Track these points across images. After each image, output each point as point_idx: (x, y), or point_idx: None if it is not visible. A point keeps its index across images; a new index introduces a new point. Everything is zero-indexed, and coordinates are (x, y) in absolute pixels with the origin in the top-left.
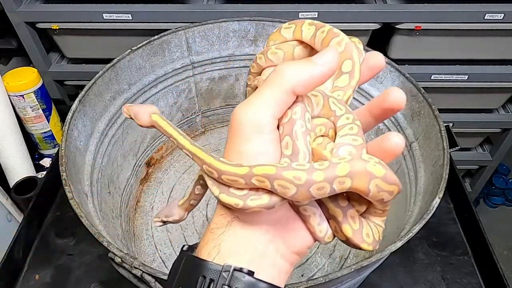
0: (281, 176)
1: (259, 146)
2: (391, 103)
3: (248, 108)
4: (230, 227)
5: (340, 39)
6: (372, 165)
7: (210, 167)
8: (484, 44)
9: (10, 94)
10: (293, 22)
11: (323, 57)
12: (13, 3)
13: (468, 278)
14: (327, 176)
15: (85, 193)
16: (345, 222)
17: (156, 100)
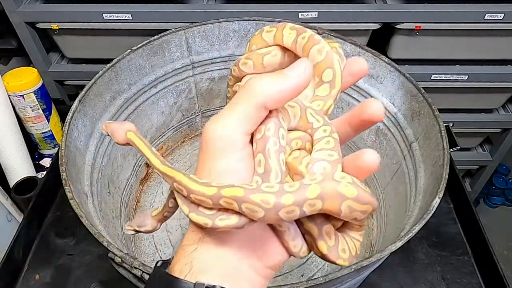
0: (249, 199)
1: (229, 163)
2: (370, 115)
3: (217, 125)
4: (202, 243)
5: (320, 47)
6: (343, 186)
7: (180, 185)
8: (484, 44)
9: (10, 94)
10: (274, 25)
11: (295, 70)
12: (13, 3)
13: (468, 278)
14: (297, 199)
15: (85, 193)
16: (321, 238)
17: (156, 100)
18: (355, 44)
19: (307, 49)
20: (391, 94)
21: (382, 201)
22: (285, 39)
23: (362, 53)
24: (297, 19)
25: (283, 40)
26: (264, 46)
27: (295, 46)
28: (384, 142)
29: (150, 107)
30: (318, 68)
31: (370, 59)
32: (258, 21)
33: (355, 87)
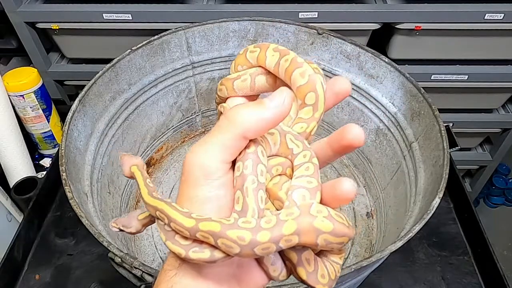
0: (225, 235)
1: (208, 191)
2: (350, 140)
3: (197, 153)
4: (181, 269)
5: (303, 70)
6: (320, 221)
7: (162, 213)
8: (484, 44)
9: (10, 94)
10: (258, 45)
11: (274, 100)
12: (13, 3)
13: (468, 278)
14: (273, 236)
15: (85, 193)
16: (300, 265)
17: (156, 100)
18: (355, 44)
19: (290, 72)
20: (391, 94)
21: (382, 201)
22: (267, 61)
23: (362, 53)
24: (297, 19)
25: (266, 62)
26: (249, 66)
27: (278, 69)
28: (384, 142)
29: (150, 107)
30: (301, 91)
31: (370, 59)
32: (258, 21)
33: (355, 87)
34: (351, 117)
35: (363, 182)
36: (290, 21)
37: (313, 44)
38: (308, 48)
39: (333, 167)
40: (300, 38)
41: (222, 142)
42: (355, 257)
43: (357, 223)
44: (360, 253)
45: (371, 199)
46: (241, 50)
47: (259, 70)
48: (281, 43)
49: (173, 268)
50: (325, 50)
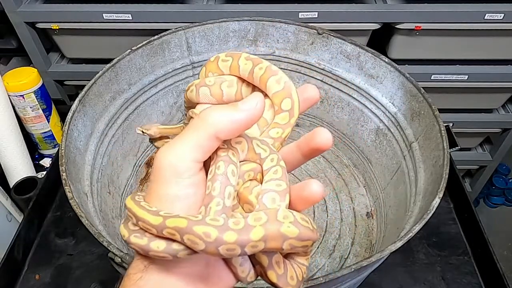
0: (191, 230)
1: (178, 190)
2: (317, 144)
3: (169, 152)
4: (147, 272)
5: (278, 78)
6: (286, 227)
7: (130, 212)
8: (484, 44)
9: (10, 94)
10: (230, 54)
11: (248, 103)
12: (13, 3)
13: (468, 278)
14: (240, 239)
15: (85, 193)
16: (270, 268)
17: (156, 100)
18: (355, 44)
19: (265, 79)
20: (391, 94)
21: (382, 201)
22: (241, 70)
23: (362, 53)
24: (297, 19)
25: (239, 70)
26: (219, 74)
27: (252, 77)
28: (384, 142)
29: (150, 107)
30: (277, 97)
31: (370, 59)
32: (258, 21)
33: (355, 87)
34: (351, 117)
35: (363, 182)
36: (290, 21)
37: (313, 44)
38: (308, 48)
39: (333, 167)
40: (300, 38)
41: (194, 141)
42: (355, 257)
43: (357, 223)
44: (360, 253)
45: (371, 199)
46: (212, 57)
47: (242, 79)
48: (281, 43)
49: (138, 271)
50: (325, 50)
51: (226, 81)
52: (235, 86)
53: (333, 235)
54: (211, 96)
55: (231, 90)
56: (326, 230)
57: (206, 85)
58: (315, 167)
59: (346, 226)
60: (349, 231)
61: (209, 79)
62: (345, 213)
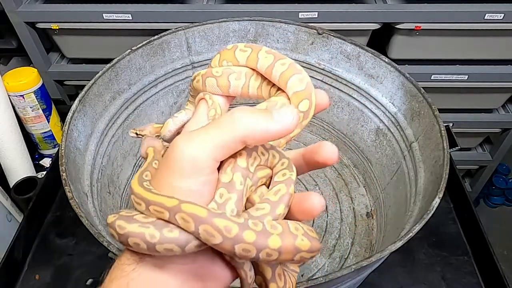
0: (211, 221)
1: (194, 185)
2: (323, 158)
3: (191, 144)
4: (141, 263)
5: (302, 77)
6: (300, 240)
7: (138, 197)
8: (484, 44)
9: (10, 94)
10: (249, 45)
11: (284, 116)
12: (13, 3)
13: (468, 278)
14: (258, 241)
15: (85, 193)
16: (273, 280)
17: (156, 100)
18: (355, 44)
19: (287, 77)
20: (391, 94)
21: (382, 201)
22: (260, 63)
23: (362, 53)
24: (297, 19)
25: (258, 63)
26: (235, 64)
27: (271, 71)
28: (384, 142)
29: (150, 107)
30: (297, 97)
31: (370, 59)
32: (258, 21)
33: (355, 87)
34: (351, 117)
35: (363, 182)
36: (290, 21)
37: (313, 44)
38: (308, 48)
39: (333, 167)
40: (300, 38)
41: (220, 140)
42: (355, 257)
43: (357, 223)
44: (360, 253)
45: (371, 199)
46: (229, 45)
47: (251, 72)
48: (281, 43)
49: (133, 262)
50: (325, 50)
51: (235, 72)
52: (243, 78)
53: (333, 235)
54: (217, 87)
55: (238, 83)
56: (326, 230)
57: (213, 75)
58: None
59: (346, 226)
60: (349, 231)
61: (216, 70)
62: (345, 213)
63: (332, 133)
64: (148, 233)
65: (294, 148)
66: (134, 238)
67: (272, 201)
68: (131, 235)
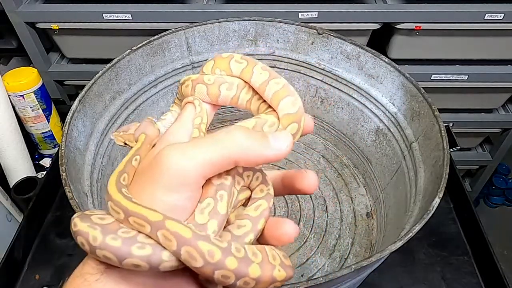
0: (196, 244)
1: (178, 200)
2: (303, 187)
3: (182, 157)
4: (106, 274)
5: (295, 100)
6: (277, 270)
7: (117, 205)
8: (484, 44)
9: (10, 94)
10: (246, 58)
11: (280, 143)
12: (13, 3)
13: (468, 278)
14: (239, 269)
15: (85, 193)
16: None
17: (156, 100)
18: (355, 44)
19: (280, 97)
20: (391, 94)
21: (382, 201)
22: (254, 77)
23: (362, 53)
24: (297, 19)
25: (252, 77)
26: (229, 74)
27: (264, 88)
28: (384, 142)
29: (150, 107)
30: (287, 119)
31: (370, 59)
32: (258, 21)
33: (355, 87)
34: (351, 117)
35: (363, 182)
36: (290, 21)
37: (313, 44)
38: (308, 48)
39: (333, 167)
40: (300, 38)
41: (213, 157)
42: (355, 257)
43: (357, 223)
44: (360, 253)
45: (371, 199)
46: (224, 54)
47: (244, 84)
48: (281, 43)
49: (98, 272)
50: (325, 50)
51: (226, 82)
52: (234, 90)
53: (333, 235)
54: (206, 95)
55: (229, 93)
56: (326, 230)
57: (204, 83)
58: (315, 167)
59: (346, 226)
60: (349, 231)
61: (208, 77)
62: (345, 213)
63: (332, 133)
64: (92, 236)
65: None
66: (81, 238)
67: (253, 216)
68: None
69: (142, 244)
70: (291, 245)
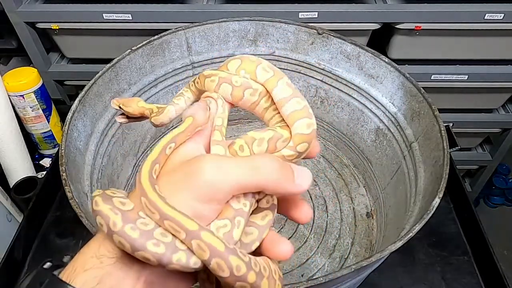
0: (227, 258)
1: (205, 210)
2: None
3: (219, 174)
4: (121, 260)
5: (311, 123)
6: (277, 285)
7: (153, 206)
8: (484, 44)
9: (10, 94)
10: (273, 68)
11: (303, 181)
12: (13, 3)
13: (468, 278)
14: (256, 283)
15: (85, 193)
16: None
17: (156, 100)
18: (355, 44)
19: (297, 116)
20: (391, 94)
21: (382, 201)
22: (276, 90)
23: (362, 53)
24: (297, 19)
25: (274, 89)
26: (253, 78)
27: (284, 104)
28: (384, 142)
29: None
30: (299, 138)
31: (370, 59)
32: (258, 21)
33: (355, 87)
34: (351, 117)
35: (363, 182)
36: (290, 21)
37: (313, 44)
38: (308, 48)
39: (333, 167)
40: (300, 38)
41: (245, 180)
42: (355, 257)
43: (357, 223)
44: (360, 253)
45: (371, 199)
46: (252, 56)
47: (265, 92)
48: (281, 43)
49: (114, 256)
50: (325, 50)
51: (252, 88)
52: (257, 96)
53: (333, 235)
54: (229, 96)
55: (251, 99)
56: (326, 230)
57: (232, 84)
58: (315, 167)
59: (346, 226)
60: (349, 231)
61: (236, 79)
62: (345, 213)
63: (332, 133)
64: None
65: None
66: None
67: (260, 225)
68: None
69: (158, 242)
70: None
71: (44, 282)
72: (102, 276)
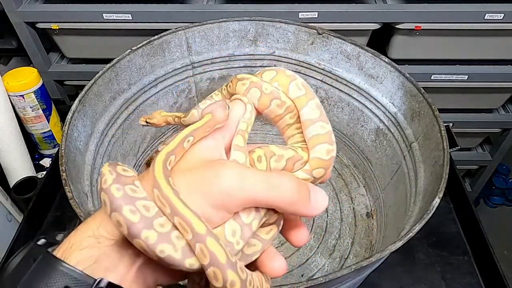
0: (225, 270)
1: (215, 216)
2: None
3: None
4: (119, 244)
5: (331, 149)
6: None
7: (165, 199)
8: (484, 44)
9: (10, 94)
10: (306, 87)
11: (319, 205)
12: (13, 3)
13: (468, 278)
14: None
15: (85, 193)
16: None
17: (156, 100)
18: (355, 44)
19: (318, 141)
20: (391, 94)
21: (382, 201)
22: (304, 110)
23: (362, 53)
24: (297, 19)
25: (303, 109)
26: (284, 92)
27: (309, 126)
28: (384, 142)
29: (150, 107)
30: (317, 163)
31: (370, 59)
32: (258, 21)
33: (355, 87)
34: (351, 117)
35: (363, 182)
36: (290, 21)
37: (313, 44)
38: (308, 48)
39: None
40: (300, 38)
41: (261, 195)
42: (355, 257)
43: (357, 223)
44: (360, 253)
45: (371, 199)
46: (288, 71)
47: (293, 108)
48: (281, 43)
49: (113, 238)
50: (325, 50)
51: (280, 100)
52: (283, 110)
53: (333, 235)
54: (256, 102)
55: (276, 110)
56: (326, 230)
57: (261, 90)
58: None
59: (346, 226)
60: (349, 231)
61: (266, 87)
62: (345, 213)
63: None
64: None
65: None
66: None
67: (264, 239)
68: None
69: (154, 232)
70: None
71: (38, 258)
72: (99, 256)
